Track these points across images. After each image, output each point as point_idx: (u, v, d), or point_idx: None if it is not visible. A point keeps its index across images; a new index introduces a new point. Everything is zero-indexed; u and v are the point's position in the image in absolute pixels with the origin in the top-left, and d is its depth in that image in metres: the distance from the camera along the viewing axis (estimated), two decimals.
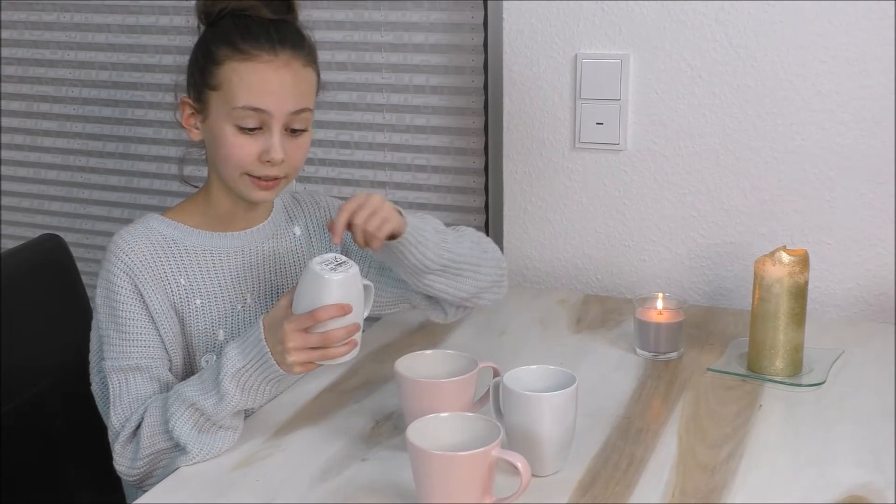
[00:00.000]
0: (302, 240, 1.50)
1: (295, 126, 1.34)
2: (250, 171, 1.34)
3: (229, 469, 1.27)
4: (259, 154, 1.33)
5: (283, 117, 1.32)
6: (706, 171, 1.82)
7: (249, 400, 1.27)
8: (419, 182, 2.08)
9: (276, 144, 1.32)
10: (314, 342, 1.23)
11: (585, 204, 1.91)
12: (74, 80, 2.32)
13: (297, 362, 1.23)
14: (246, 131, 1.32)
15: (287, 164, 1.34)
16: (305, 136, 1.37)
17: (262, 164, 1.33)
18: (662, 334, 1.56)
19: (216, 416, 1.26)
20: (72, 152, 2.36)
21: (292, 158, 1.35)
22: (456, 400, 1.26)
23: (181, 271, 1.37)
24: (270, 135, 1.32)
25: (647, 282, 1.89)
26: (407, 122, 2.06)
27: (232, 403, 1.25)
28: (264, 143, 1.33)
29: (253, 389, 1.26)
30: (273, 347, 1.24)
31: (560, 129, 1.89)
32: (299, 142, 1.36)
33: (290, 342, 1.22)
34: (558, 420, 1.21)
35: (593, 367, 1.55)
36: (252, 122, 1.32)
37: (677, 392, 1.46)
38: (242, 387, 1.25)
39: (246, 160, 1.33)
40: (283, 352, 1.23)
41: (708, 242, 1.84)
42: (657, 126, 1.83)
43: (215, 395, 1.25)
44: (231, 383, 1.25)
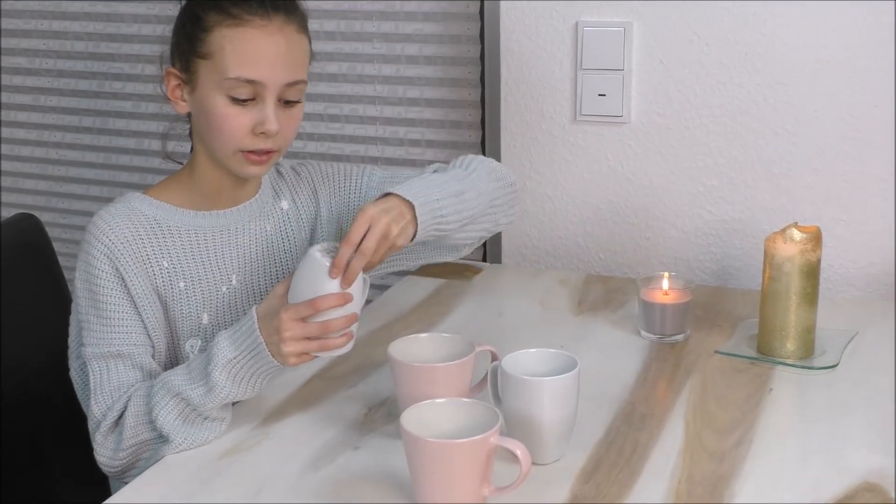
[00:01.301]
0: (290, 214, 1.49)
1: (289, 97, 1.34)
2: (243, 145, 1.33)
3: (215, 458, 1.27)
4: (253, 126, 1.32)
5: (278, 88, 1.32)
6: (714, 144, 1.82)
7: (240, 392, 1.27)
8: (412, 157, 2.08)
9: (270, 115, 1.32)
10: (312, 332, 1.22)
11: (587, 179, 1.91)
12: (48, 52, 2.31)
13: (292, 353, 1.23)
14: (239, 102, 1.31)
15: (280, 136, 1.34)
16: (299, 107, 1.36)
17: (256, 137, 1.33)
18: (668, 316, 1.57)
19: (203, 407, 1.26)
20: (47, 127, 2.36)
21: (286, 130, 1.35)
22: (452, 385, 1.27)
23: (164, 253, 1.37)
24: (264, 105, 1.32)
25: (651, 261, 1.89)
26: (399, 94, 2.06)
27: (221, 395, 1.25)
28: (258, 114, 1.32)
29: (244, 381, 1.26)
30: (268, 338, 1.24)
31: (560, 101, 1.88)
32: (293, 113, 1.36)
33: (287, 331, 1.22)
34: (559, 406, 1.22)
35: (596, 351, 1.55)
36: (245, 92, 1.31)
37: (683, 376, 1.47)
38: (233, 378, 1.25)
39: (239, 132, 1.32)
40: (279, 342, 1.23)
41: (716, 219, 1.84)
42: (662, 97, 1.83)
43: (204, 385, 1.25)
44: (222, 374, 1.25)
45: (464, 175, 1.44)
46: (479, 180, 1.44)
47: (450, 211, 1.36)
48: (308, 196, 1.51)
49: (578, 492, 1.18)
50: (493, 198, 1.46)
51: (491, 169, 1.49)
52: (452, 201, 1.37)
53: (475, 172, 1.46)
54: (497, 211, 1.47)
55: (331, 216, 1.51)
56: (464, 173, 1.44)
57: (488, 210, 1.45)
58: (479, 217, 1.43)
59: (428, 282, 1.85)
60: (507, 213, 1.50)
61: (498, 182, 1.48)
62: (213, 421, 1.29)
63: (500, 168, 1.51)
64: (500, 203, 1.48)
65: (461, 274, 1.90)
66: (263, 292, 1.46)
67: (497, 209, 1.47)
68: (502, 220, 1.50)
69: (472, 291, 1.82)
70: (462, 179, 1.42)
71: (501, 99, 1.92)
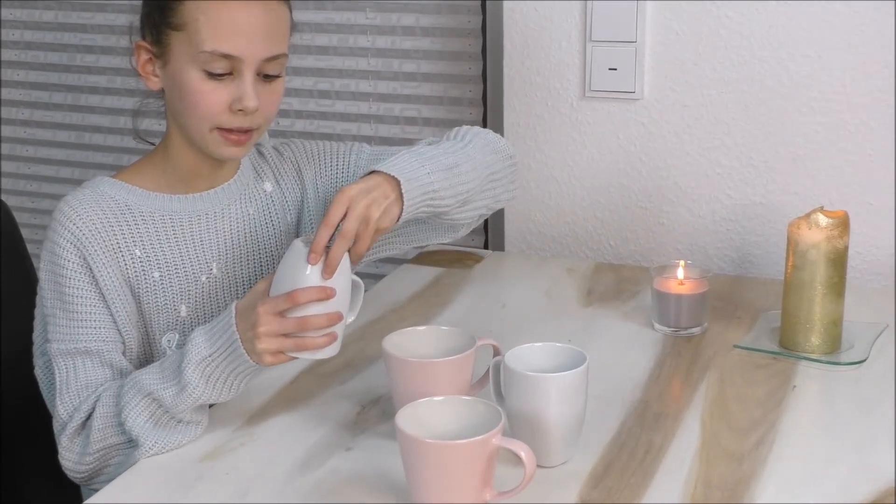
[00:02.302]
0: (274, 197, 1.49)
1: (268, 71, 1.34)
2: (220, 122, 1.33)
3: (196, 460, 1.27)
4: (230, 102, 1.32)
5: (256, 63, 1.31)
6: (733, 123, 1.81)
7: (214, 393, 1.26)
8: (408, 136, 2.08)
9: (249, 91, 1.31)
10: (289, 327, 1.22)
11: (596, 160, 1.90)
12: (15, 22, 2.30)
13: (267, 350, 1.22)
14: (214, 77, 1.31)
15: (260, 113, 1.34)
16: (279, 82, 1.36)
17: (234, 114, 1.32)
18: (683, 307, 1.57)
19: (175, 408, 1.26)
20: (13, 104, 2.35)
21: (266, 107, 1.34)
22: (451, 382, 1.27)
23: (136, 241, 1.37)
24: (242, 81, 1.31)
25: (666, 248, 1.89)
26: (395, 68, 2.06)
27: (193, 396, 1.25)
28: (235, 89, 1.32)
29: (219, 382, 1.26)
30: (243, 334, 1.23)
31: (568, 75, 1.88)
32: (273, 87, 1.35)
33: (262, 326, 1.22)
34: (566, 404, 1.22)
35: (606, 345, 1.55)
36: (221, 67, 1.31)
37: (700, 372, 1.47)
38: (207, 378, 1.25)
39: (215, 109, 1.32)
40: (254, 338, 1.22)
41: (735, 203, 1.84)
42: (678, 72, 1.82)
43: (176, 385, 1.25)
44: (195, 373, 1.24)
45: (458, 147, 1.43)
46: (474, 152, 1.44)
47: (443, 185, 1.36)
48: (293, 177, 1.51)
49: (587, 496, 1.18)
50: (491, 171, 1.45)
51: (487, 141, 1.49)
52: (445, 175, 1.36)
53: (470, 144, 1.45)
54: (497, 186, 1.47)
55: (318, 199, 1.51)
56: (458, 145, 1.44)
57: (487, 185, 1.45)
58: (477, 193, 1.43)
59: (425, 270, 1.85)
60: (508, 188, 1.50)
61: (496, 154, 1.48)
62: (186, 424, 1.29)
63: (497, 139, 1.51)
64: (499, 177, 1.47)
65: (461, 262, 1.90)
66: (247, 281, 1.45)
67: (496, 184, 1.47)
68: (503, 196, 1.49)
69: (473, 281, 1.82)
70: (456, 152, 1.41)
71: (504, 73, 1.92)
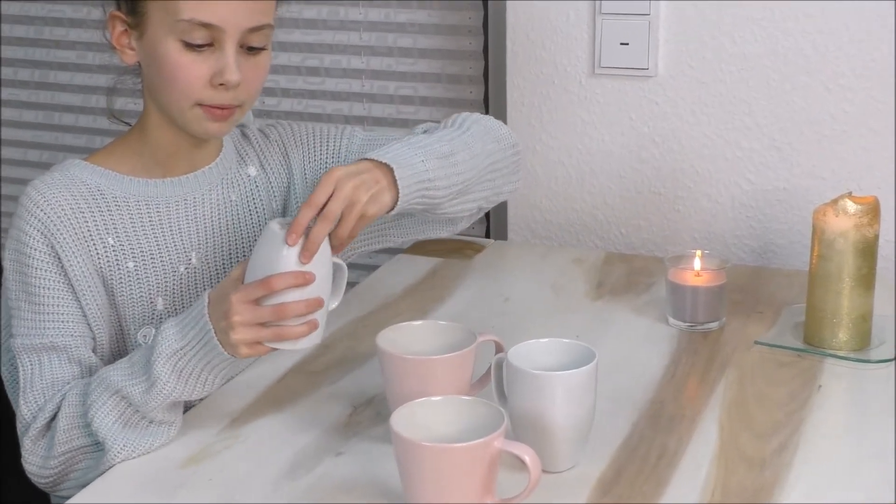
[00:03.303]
0: (258, 182, 1.49)
1: (252, 43, 1.34)
2: (200, 98, 1.32)
3: (178, 465, 1.27)
4: (211, 76, 1.32)
5: (238, 33, 1.31)
6: (754, 101, 1.81)
7: (186, 389, 1.26)
8: (404, 116, 2.08)
9: (231, 64, 1.31)
10: (265, 316, 1.21)
11: (607, 142, 1.90)
12: None
13: (242, 341, 1.22)
14: (194, 48, 1.31)
15: (244, 87, 1.34)
16: (265, 55, 1.36)
17: (215, 89, 1.32)
18: (700, 300, 1.57)
19: (145, 406, 1.26)
20: None
21: (250, 82, 1.35)
22: (450, 381, 1.27)
23: (109, 229, 1.37)
24: (223, 52, 1.31)
25: (681, 236, 1.89)
26: (389, 43, 2.05)
27: (164, 392, 1.25)
28: (216, 62, 1.32)
29: (192, 377, 1.26)
30: (217, 324, 1.23)
31: (576, 50, 1.88)
32: (258, 61, 1.35)
33: (236, 315, 1.21)
34: (574, 404, 1.22)
35: (616, 341, 1.55)
36: (201, 37, 1.31)
37: (718, 370, 1.47)
38: (179, 373, 1.25)
39: (195, 83, 1.32)
40: (228, 328, 1.22)
41: (756, 188, 1.84)
42: (694, 46, 1.82)
43: (145, 380, 1.25)
44: (165, 367, 1.24)
45: (456, 135, 1.43)
46: (473, 140, 1.44)
47: (438, 175, 1.36)
48: (279, 161, 1.51)
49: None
50: (491, 161, 1.45)
51: (488, 128, 1.49)
52: (440, 163, 1.37)
53: (469, 132, 1.45)
54: (497, 177, 1.47)
55: (305, 185, 1.51)
56: (455, 133, 1.44)
57: (487, 175, 1.45)
58: (476, 184, 1.43)
59: (422, 261, 1.85)
60: (510, 179, 1.50)
61: (497, 143, 1.48)
62: (158, 425, 1.28)
63: (499, 127, 1.51)
64: (500, 167, 1.48)
65: (460, 252, 1.90)
66: (227, 271, 1.45)
67: (497, 174, 1.47)
68: (504, 188, 1.50)
69: (474, 272, 1.82)
70: (453, 140, 1.42)
71: (507, 49, 1.91)
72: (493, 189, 1.47)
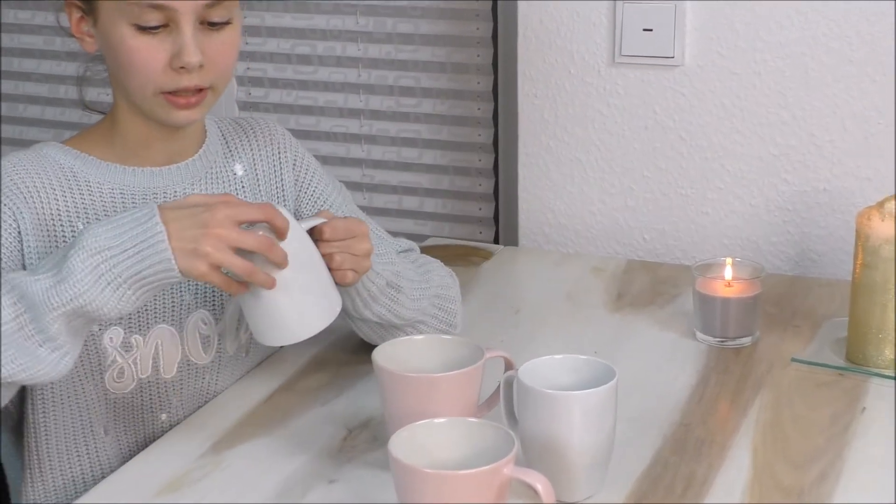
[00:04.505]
0: (245, 182, 1.49)
1: (213, 19, 1.34)
2: (162, 84, 1.33)
3: (152, 494, 1.27)
4: (169, 59, 1.33)
5: (194, 11, 1.32)
6: (791, 94, 1.81)
7: (100, 298, 1.20)
8: (404, 110, 2.07)
9: (188, 44, 1.32)
10: (249, 242, 1.21)
11: (629, 138, 1.90)
12: None
13: (212, 254, 1.20)
14: (147, 31, 1.32)
15: (210, 68, 1.34)
16: (231, 29, 1.36)
17: (176, 73, 1.33)
18: (731, 313, 1.57)
19: (44, 307, 1.19)
20: None
21: (216, 60, 1.35)
22: (455, 401, 1.27)
23: (79, 212, 1.37)
24: (180, 33, 1.32)
25: (710, 242, 1.89)
26: (388, 28, 2.05)
27: (72, 291, 1.20)
28: (173, 43, 1.32)
29: (111, 285, 1.20)
30: (179, 232, 1.20)
31: (595, 37, 1.88)
32: (223, 37, 1.36)
33: (219, 228, 1.20)
34: (592, 428, 1.22)
35: (639, 357, 1.55)
36: (153, 19, 1.31)
37: (752, 390, 1.47)
38: (99, 275, 1.20)
39: (153, 68, 1.32)
40: (201, 237, 1.19)
41: (793, 189, 1.84)
42: (726, 32, 1.82)
43: (53, 275, 1.20)
44: (84, 263, 1.20)
45: (420, 285, 1.50)
46: (423, 296, 1.51)
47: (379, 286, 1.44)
48: (270, 161, 1.51)
49: None
50: (422, 318, 1.51)
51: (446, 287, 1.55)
52: (391, 298, 1.46)
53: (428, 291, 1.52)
54: (417, 328, 1.52)
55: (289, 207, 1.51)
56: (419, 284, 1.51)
57: (414, 322, 1.51)
58: (404, 323, 1.50)
59: None
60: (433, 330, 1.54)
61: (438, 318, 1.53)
62: (49, 347, 1.21)
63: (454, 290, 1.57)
64: (425, 322, 1.53)
65: (467, 259, 1.90)
66: None
67: (420, 324, 1.52)
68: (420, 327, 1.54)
69: (481, 281, 1.82)
70: (417, 283, 1.50)
71: (519, 34, 1.91)
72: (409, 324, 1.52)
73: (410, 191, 2.11)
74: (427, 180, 2.10)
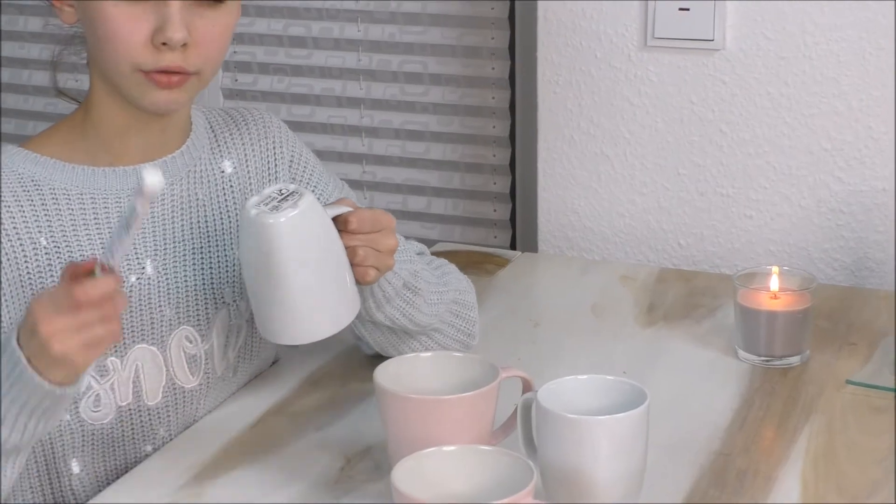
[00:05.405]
0: (234, 181, 1.49)
1: None
2: (141, 61, 1.33)
3: None
4: (152, 33, 1.33)
5: None
6: (846, 82, 1.81)
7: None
8: (410, 99, 2.07)
9: (174, 16, 1.32)
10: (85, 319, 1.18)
11: (662, 131, 1.90)
12: None
13: (73, 347, 1.18)
14: (130, 0, 1.32)
15: (197, 50, 1.34)
16: (227, 9, 1.36)
17: (158, 50, 1.33)
18: (778, 329, 1.56)
19: None
20: None
21: (204, 42, 1.35)
22: (466, 426, 1.27)
23: (42, 227, 1.37)
24: (166, 3, 1.32)
25: (754, 249, 1.89)
26: (392, 7, 2.05)
27: None
28: (157, 15, 1.33)
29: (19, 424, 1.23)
30: (31, 347, 1.19)
31: (624, 18, 1.88)
32: (216, 17, 1.36)
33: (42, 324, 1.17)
34: (620, 456, 1.21)
35: (673, 378, 1.55)
36: None
37: (801, 416, 1.47)
38: None
39: (133, 41, 1.32)
40: (45, 342, 1.18)
41: (848, 189, 1.84)
42: (771, 13, 1.82)
43: None
44: None
45: (438, 288, 1.52)
46: (440, 301, 1.52)
47: (396, 287, 1.44)
48: (264, 158, 1.51)
49: None
50: (438, 325, 1.52)
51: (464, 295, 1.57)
52: (408, 300, 1.46)
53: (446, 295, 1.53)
54: (433, 339, 1.53)
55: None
56: (436, 282, 1.52)
57: (434, 323, 1.52)
58: (419, 331, 1.51)
59: None
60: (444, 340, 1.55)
61: (455, 326, 1.54)
62: None
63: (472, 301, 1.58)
64: (443, 340, 1.54)
65: (480, 266, 1.90)
66: (191, 284, 1.45)
67: (436, 332, 1.53)
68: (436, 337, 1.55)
69: (496, 291, 1.82)
70: (436, 283, 1.52)
71: (539, 16, 1.91)
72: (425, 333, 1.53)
73: (416, 190, 2.11)
74: (435, 178, 2.10)
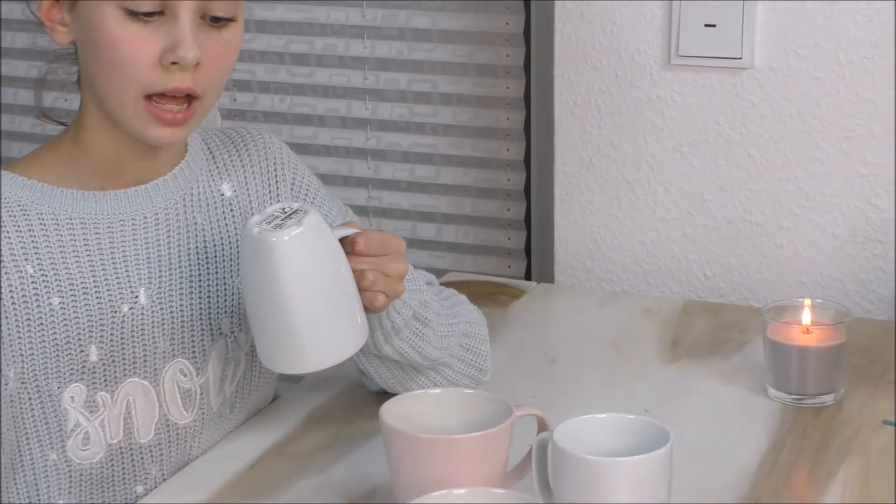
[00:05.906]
0: (234, 205, 1.50)
1: (216, 12, 1.35)
2: (149, 84, 1.33)
3: None
4: (161, 53, 1.33)
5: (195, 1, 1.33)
6: (883, 103, 1.81)
7: None
8: (419, 120, 2.08)
9: (186, 35, 1.32)
10: None
11: (686, 154, 1.90)
12: None
13: None
14: (139, 17, 1.32)
15: (206, 71, 1.35)
16: (234, 29, 1.37)
17: (167, 70, 1.33)
18: (811, 365, 1.56)
19: None
20: None
21: (213, 63, 1.36)
22: (478, 467, 1.27)
23: (28, 254, 1.37)
24: (177, 22, 1.32)
25: (785, 280, 1.89)
26: (401, 22, 2.06)
27: None
28: (168, 34, 1.33)
29: None
30: None
31: (647, 35, 1.88)
32: (224, 37, 1.36)
33: None
34: (641, 500, 1.21)
35: (698, 418, 1.55)
36: (148, 5, 1.32)
37: (835, 458, 1.46)
38: None
39: (142, 63, 1.33)
40: None
41: (884, 217, 1.84)
42: (803, 29, 1.82)
43: None
44: None
45: (448, 321, 1.52)
46: (451, 334, 1.52)
47: (405, 318, 1.44)
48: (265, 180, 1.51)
49: None
50: (448, 359, 1.52)
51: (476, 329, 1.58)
52: (418, 331, 1.47)
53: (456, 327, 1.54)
54: (441, 374, 1.54)
55: None
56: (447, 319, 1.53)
57: (443, 358, 1.52)
58: (427, 366, 1.51)
59: None
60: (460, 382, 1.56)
61: (466, 361, 1.55)
62: None
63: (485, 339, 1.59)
64: (452, 376, 1.54)
65: (493, 298, 1.90)
66: (186, 314, 1.45)
67: (445, 367, 1.53)
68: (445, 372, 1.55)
69: (510, 325, 1.82)
70: (445, 316, 1.52)
71: (556, 32, 1.92)
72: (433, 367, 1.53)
73: (426, 216, 2.12)
74: (445, 204, 2.10)
